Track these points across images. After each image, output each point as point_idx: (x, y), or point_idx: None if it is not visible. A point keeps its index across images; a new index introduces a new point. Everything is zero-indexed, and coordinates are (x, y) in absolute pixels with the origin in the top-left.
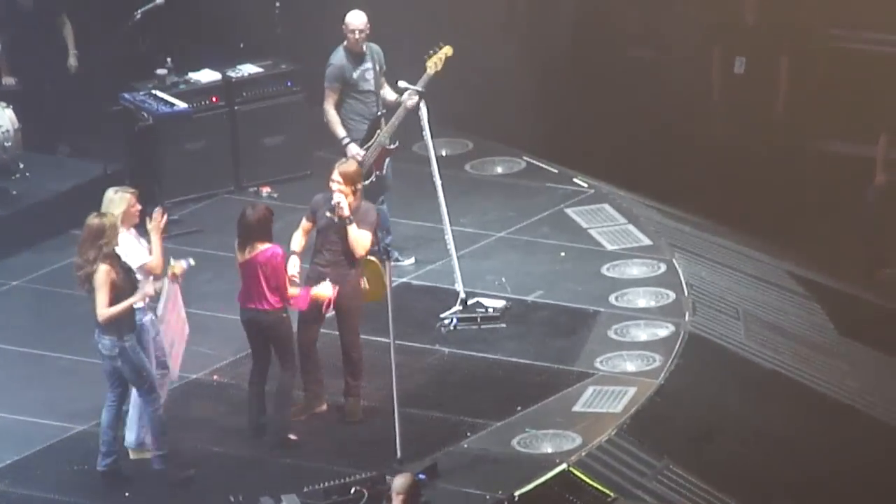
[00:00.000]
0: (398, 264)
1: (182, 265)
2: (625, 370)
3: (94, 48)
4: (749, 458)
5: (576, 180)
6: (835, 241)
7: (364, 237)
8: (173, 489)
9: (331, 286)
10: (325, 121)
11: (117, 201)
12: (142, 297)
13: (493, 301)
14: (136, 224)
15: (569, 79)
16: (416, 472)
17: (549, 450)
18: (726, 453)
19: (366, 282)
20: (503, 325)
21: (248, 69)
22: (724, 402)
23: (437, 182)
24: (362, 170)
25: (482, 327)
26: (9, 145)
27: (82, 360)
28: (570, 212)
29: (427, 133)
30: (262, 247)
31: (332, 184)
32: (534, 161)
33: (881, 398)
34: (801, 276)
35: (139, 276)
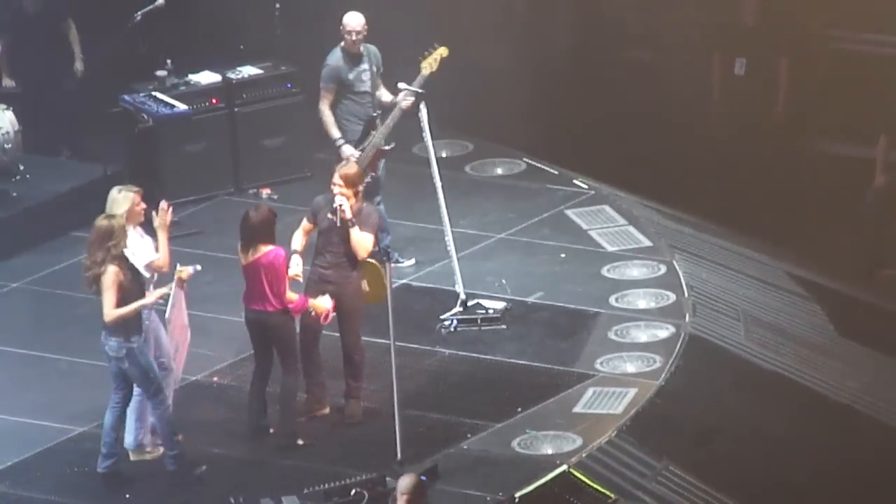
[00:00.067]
0: (398, 265)
1: (188, 270)
2: (625, 371)
3: (94, 50)
4: (749, 458)
5: (576, 182)
6: (834, 243)
7: (366, 239)
8: (178, 489)
9: (329, 300)
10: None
11: (121, 200)
12: (155, 300)
13: (494, 302)
14: (140, 222)
15: (569, 80)
16: (417, 473)
17: (550, 451)
18: (726, 454)
19: (366, 283)
20: (503, 327)
21: (248, 71)
22: (725, 403)
23: (437, 183)
24: None
25: (482, 329)
26: (9, 147)
27: (82, 361)
28: (570, 213)
29: (427, 135)
30: (265, 249)
31: (334, 187)
32: (534, 162)
33: (881, 399)
34: (800, 277)
35: (146, 274)
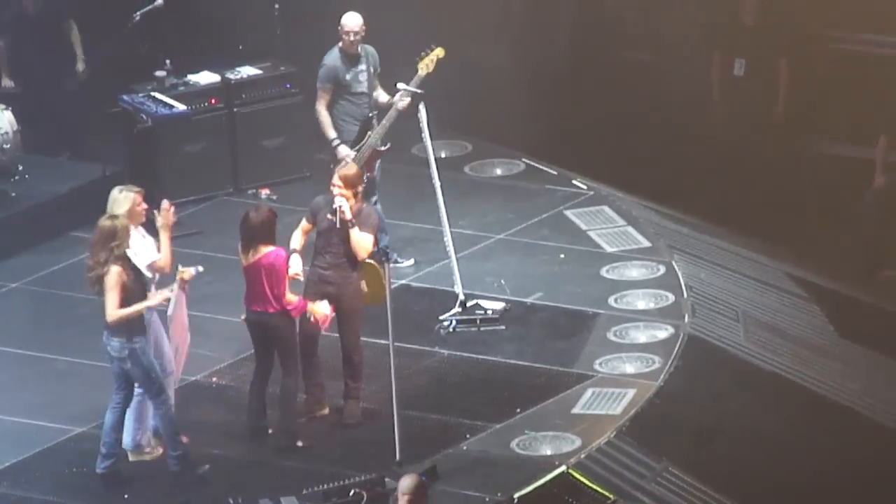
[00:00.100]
0: (397, 266)
1: (191, 272)
2: (624, 372)
3: (94, 50)
4: (748, 459)
5: (575, 182)
6: (834, 243)
7: (366, 240)
8: (177, 490)
9: (328, 305)
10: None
11: (121, 200)
12: (159, 302)
13: (493, 303)
14: (142, 222)
15: (568, 80)
16: (418, 473)
17: (549, 452)
18: (725, 455)
19: (364, 284)
20: (502, 327)
21: (247, 71)
22: (724, 403)
23: (437, 184)
24: None
25: (481, 329)
26: (7, 147)
27: (81, 362)
28: (569, 214)
29: (426, 135)
30: (266, 249)
31: (333, 188)
32: (533, 163)
33: (880, 400)
34: (800, 277)
35: (148, 275)
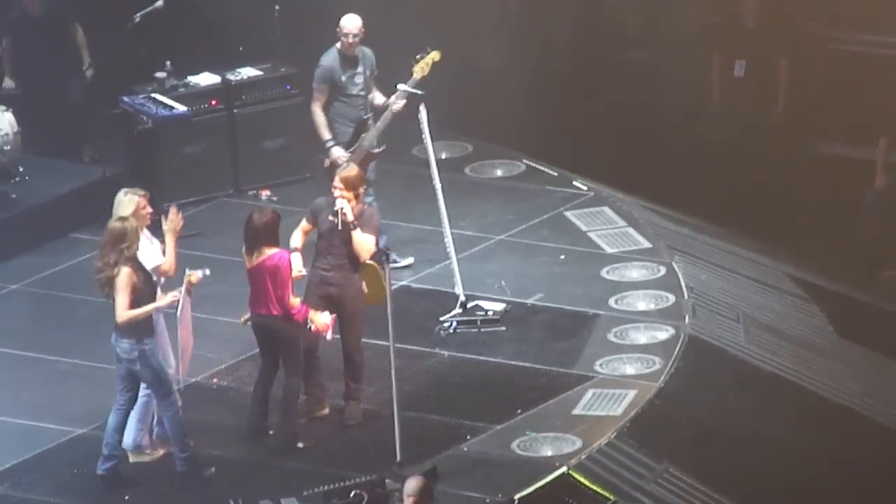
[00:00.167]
0: (396, 266)
1: (198, 274)
2: (624, 373)
3: (94, 51)
4: (749, 460)
5: (575, 183)
6: (834, 244)
7: (368, 241)
8: (177, 491)
9: (329, 316)
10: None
11: (126, 203)
12: (168, 303)
13: (493, 304)
14: (147, 225)
15: (568, 81)
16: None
17: (549, 453)
18: (726, 456)
19: (364, 285)
20: (503, 329)
21: (248, 72)
22: (724, 404)
23: (437, 185)
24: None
25: (482, 330)
26: (8, 149)
27: (82, 363)
28: (569, 215)
29: (427, 136)
30: (270, 252)
31: (335, 190)
32: (533, 164)
33: (880, 400)
34: (800, 278)
35: (153, 278)
